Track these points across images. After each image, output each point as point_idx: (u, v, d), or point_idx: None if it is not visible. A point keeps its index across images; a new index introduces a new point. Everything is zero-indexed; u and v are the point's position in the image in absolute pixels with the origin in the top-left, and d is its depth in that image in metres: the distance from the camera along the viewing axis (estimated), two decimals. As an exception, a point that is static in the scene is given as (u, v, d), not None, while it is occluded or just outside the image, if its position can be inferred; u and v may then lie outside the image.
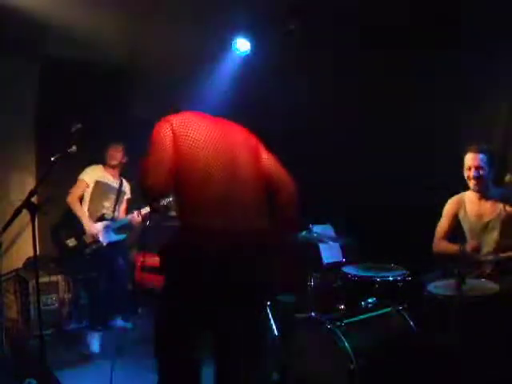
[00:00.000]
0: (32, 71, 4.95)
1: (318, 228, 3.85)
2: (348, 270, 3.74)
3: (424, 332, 3.11)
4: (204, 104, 5.48)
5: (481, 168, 3.46)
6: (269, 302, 3.49)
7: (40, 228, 3.44)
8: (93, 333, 4.36)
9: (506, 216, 3.47)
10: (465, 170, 3.55)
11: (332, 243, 4.00)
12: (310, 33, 4.70)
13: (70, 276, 4.83)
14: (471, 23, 4.09)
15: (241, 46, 5.19)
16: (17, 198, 4.55)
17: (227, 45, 5.19)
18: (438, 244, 3.68)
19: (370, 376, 2.83)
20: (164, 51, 4.75)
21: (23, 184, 4.81)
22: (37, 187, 3.03)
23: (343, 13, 4.37)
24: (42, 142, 5.04)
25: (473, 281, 3.04)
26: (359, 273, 3.69)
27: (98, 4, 4.03)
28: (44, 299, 4.51)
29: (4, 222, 2.92)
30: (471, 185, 3.55)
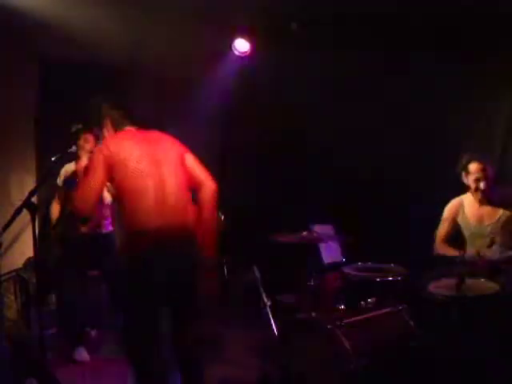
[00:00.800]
0: (32, 71, 4.94)
1: (318, 228, 3.85)
2: (348, 270, 3.74)
3: (424, 332, 3.10)
4: (204, 104, 5.48)
5: (488, 179, 3.46)
6: (269, 303, 3.51)
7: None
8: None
9: (506, 221, 3.47)
10: (469, 179, 3.52)
11: (332, 243, 3.99)
12: (310, 33, 4.72)
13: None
14: (471, 23, 4.10)
15: (241, 46, 5.19)
16: (17, 198, 4.55)
17: (227, 45, 5.19)
18: (439, 247, 3.68)
19: (370, 376, 2.83)
20: (164, 51, 4.75)
21: (23, 184, 4.80)
22: (37, 187, 3.03)
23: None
24: (42, 142, 5.04)
25: (473, 281, 3.04)
26: (359, 273, 3.69)
27: (98, 4, 4.03)
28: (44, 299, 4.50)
29: (4, 222, 2.92)
30: (477, 195, 3.54)
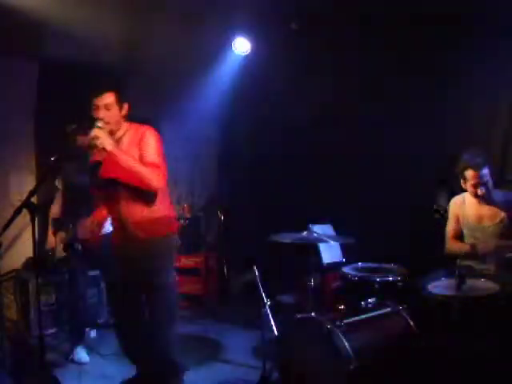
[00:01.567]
0: (32, 71, 4.94)
1: (318, 228, 3.84)
2: (348, 270, 3.74)
3: (424, 332, 3.10)
4: (204, 104, 5.48)
5: (486, 183, 3.45)
6: (269, 303, 3.51)
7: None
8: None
9: (508, 224, 3.47)
10: (467, 185, 3.50)
11: (332, 243, 3.99)
12: (310, 33, 4.72)
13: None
14: (471, 22, 4.10)
15: (241, 46, 5.18)
16: (16, 198, 4.55)
17: (227, 45, 5.19)
18: (450, 244, 3.70)
19: (370, 376, 2.82)
20: (164, 51, 4.75)
21: (23, 184, 4.80)
22: (37, 187, 3.02)
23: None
24: (42, 142, 5.04)
25: (473, 281, 3.04)
26: (359, 273, 3.69)
27: (98, 4, 4.03)
28: (44, 299, 4.50)
29: (4, 222, 2.91)
30: (478, 200, 3.53)
